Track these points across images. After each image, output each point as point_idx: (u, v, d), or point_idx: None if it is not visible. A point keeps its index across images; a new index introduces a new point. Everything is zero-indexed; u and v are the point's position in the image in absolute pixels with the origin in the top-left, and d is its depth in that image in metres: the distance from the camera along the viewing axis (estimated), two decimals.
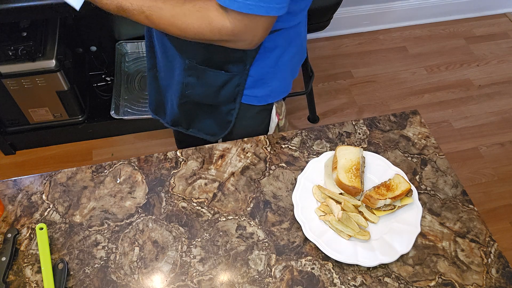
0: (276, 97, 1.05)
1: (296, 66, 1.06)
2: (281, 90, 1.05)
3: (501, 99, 2.23)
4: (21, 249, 0.82)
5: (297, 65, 1.06)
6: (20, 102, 1.72)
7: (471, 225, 0.86)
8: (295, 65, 1.05)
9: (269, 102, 1.05)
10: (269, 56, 0.94)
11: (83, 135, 1.97)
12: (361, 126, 1.01)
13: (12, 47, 1.52)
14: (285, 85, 1.05)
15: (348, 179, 0.86)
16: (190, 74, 0.98)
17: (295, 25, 0.93)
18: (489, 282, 0.79)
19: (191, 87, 1.01)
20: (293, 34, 0.95)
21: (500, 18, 2.62)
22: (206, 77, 0.97)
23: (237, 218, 0.86)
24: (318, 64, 2.33)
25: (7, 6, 1.32)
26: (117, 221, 0.85)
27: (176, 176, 0.92)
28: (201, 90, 1.01)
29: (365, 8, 2.38)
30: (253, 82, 0.98)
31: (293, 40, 0.96)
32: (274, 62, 0.96)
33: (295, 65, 1.05)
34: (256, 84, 0.99)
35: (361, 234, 0.82)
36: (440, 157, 0.96)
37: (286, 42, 0.95)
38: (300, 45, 1.02)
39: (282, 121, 1.12)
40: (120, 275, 0.79)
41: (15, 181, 0.91)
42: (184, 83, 1.01)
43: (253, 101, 1.03)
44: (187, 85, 1.01)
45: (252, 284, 0.78)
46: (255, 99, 1.03)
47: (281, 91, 1.05)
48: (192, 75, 0.98)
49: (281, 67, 0.99)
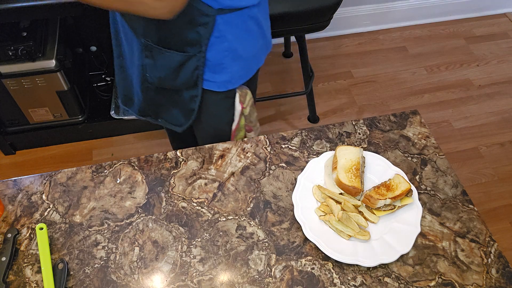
0: (236, 83, 1.05)
1: (258, 53, 1.06)
2: (241, 76, 1.05)
3: (501, 99, 2.23)
4: (21, 249, 0.82)
5: (260, 52, 1.06)
6: (20, 102, 1.72)
7: (471, 225, 0.86)
8: (256, 51, 1.05)
9: (229, 88, 1.05)
10: (224, 40, 0.95)
11: (83, 135, 1.97)
12: (361, 126, 1.01)
13: (12, 47, 1.52)
14: (246, 71, 1.05)
15: (348, 179, 0.86)
16: (147, 55, 0.99)
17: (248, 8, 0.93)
18: (489, 282, 0.79)
19: (150, 69, 1.02)
20: (248, 17, 0.95)
21: (500, 18, 2.62)
22: (161, 58, 0.98)
23: (237, 218, 0.86)
24: (318, 64, 2.33)
25: (7, 6, 1.32)
26: (117, 221, 0.85)
27: (176, 176, 0.92)
28: (159, 72, 1.02)
29: (365, 8, 2.38)
30: (212, 67, 0.99)
31: (249, 24, 0.97)
32: (231, 46, 0.97)
33: (256, 52, 1.05)
34: (216, 69, 1.00)
35: (361, 234, 0.82)
36: (440, 157, 0.96)
37: (241, 26, 0.95)
38: (259, 31, 1.01)
39: (247, 110, 1.12)
40: (120, 275, 0.79)
41: (15, 181, 0.91)
42: (143, 65, 1.02)
43: (214, 87, 1.04)
44: (145, 67, 1.02)
45: (252, 284, 0.78)
46: (215, 84, 1.03)
47: (241, 77, 1.05)
48: (148, 56, 0.99)
49: (240, 52, 0.99)
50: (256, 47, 1.04)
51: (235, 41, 0.96)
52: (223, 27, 0.92)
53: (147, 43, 0.96)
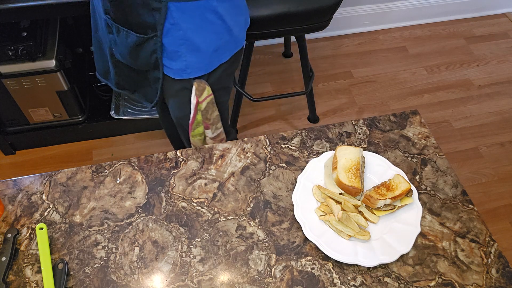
0: (192, 73, 1.06)
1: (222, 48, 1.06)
2: (199, 67, 1.06)
3: (501, 99, 2.23)
4: (21, 249, 0.82)
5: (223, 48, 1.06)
6: (20, 102, 1.72)
7: (471, 225, 0.86)
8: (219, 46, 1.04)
9: (184, 77, 1.06)
10: (179, 28, 0.96)
11: (83, 135, 1.97)
12: (361, 126, 1.01)
13: (12, 47, 1.52)
14: (204, 64, 1.06)
15: (348, 179, 0.86)
16: (110, 31, 1.03)
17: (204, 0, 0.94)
18: (489, 282, 0.79)
19: (114, 45, 1.06)
20: (205, 9, 0.95)
21: (500, 18, 2.62)
22: (120, 36, 1.01)
23: (237, 218, 0.86)
24: (318, 64, 2.33)
25: (7, 6, 1.32)
26: (117, 221, 0.85)
27: (176, 176, 0.92)
28: (121, 49, 1.05)
29: (365, 8, 2.38)
30: (169, 53, 1.01)
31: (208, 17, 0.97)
32: (186, 35, 0.98)
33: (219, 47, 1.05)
34: (172, 56, 1.02)
35: (361, 234, 0.82)
36: (440, 157, 0.96)
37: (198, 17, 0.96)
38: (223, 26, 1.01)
39: (203, 105, 1.12)
40: (120, 275, 0.79)
41: (15, 181, 0.91)
42: (109, 41, 1.06)
43: (170, 73, 1.06)
44: (110, 42, 1.06)
45: (252, 284, 0.78)
46: (171, 71, 1.05)
47: (199, 68, 1.06)
48: (111, 32, 1.03)
49: (197, 43, 1.00)
50: (218, 42, 1.04)
51: (190, 31, 0.97)
52: (177, 15, 0.94)
53: (107, 20, 1.00)
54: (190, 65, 1.04)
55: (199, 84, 1.08)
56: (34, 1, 1.33)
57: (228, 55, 1.09)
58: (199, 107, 1.13)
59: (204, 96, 1.11)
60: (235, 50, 1.10)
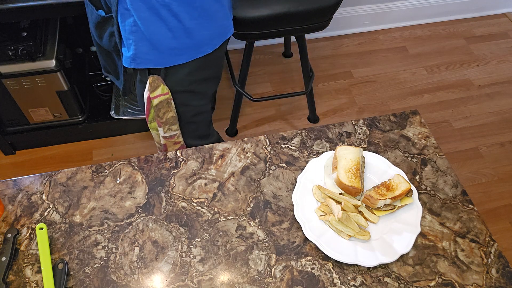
0: (141, 63, 1.05)
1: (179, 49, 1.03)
2: (147, 58, 1.04)
3: (501, 99, 2.23)
4: (21, 249, 0.82)
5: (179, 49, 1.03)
6: (20, 102, 1.72)
7: (471, 225, 0.86)
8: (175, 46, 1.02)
9: (132, 66, 1.06)
10: (131, 15, 0.97)
11: (83, 135, 1.97)
12: (361, 126, 1.01)
13: (12, 47, 1.52)
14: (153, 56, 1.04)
15: (348, 179, 0.86)
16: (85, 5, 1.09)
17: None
18: (489, 282, 0.79)
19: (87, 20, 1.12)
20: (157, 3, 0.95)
21: (500, 18, 2.62)
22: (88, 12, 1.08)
23: (237, 218, 0.86)
24: (318, 64, 2.33)
25: (7, 6, 1.32)
26: (117, 221, 0.85)
27: (176, 176, 0.92)
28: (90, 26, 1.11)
29: (365, 8, 2.38)
30: (123, 39, 1.03)
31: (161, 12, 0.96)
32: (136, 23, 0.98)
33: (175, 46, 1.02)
34: (125, 43, 1.04)
35: (361, 234, 0.82)
36: (440, 157, 0.96)
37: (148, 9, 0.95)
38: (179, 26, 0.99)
39: (155, 101, 1.12)
40: (120, 275, 0.79)
41: (15, 181, 0.91)
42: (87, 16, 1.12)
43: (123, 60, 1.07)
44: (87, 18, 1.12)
45: (252, 284, 0.78)
46: (124, 58, 1.06)
47: (146, 59, 1.04)
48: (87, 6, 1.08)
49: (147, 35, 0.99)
50: (174, 41, 1.01)
51: (141, 21, 0.97)
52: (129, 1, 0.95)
53: None
54: (138, 55, 1.03)
55: (153, 79, 1.08)
56: (34, 1, 1.33)
57: (186, 59, 1.06)
58: (152, 102, 1.12)
59: (157, 93, 1.10)
60: (196, 55, 1.06)
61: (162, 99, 1.12)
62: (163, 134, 1.22)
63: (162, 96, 1.11)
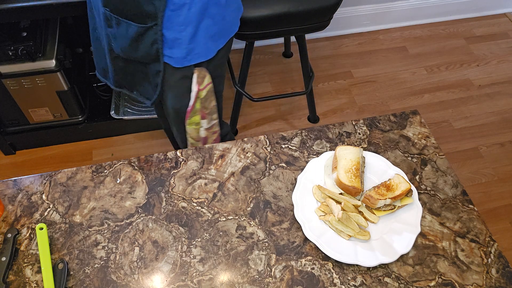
0: (193, 60, 1.07)
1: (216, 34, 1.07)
2: (198, 53, 1.07)
3: (501, 99, 2.23)
4: (21, 249, 0.82)
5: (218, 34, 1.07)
6: (20, 102, 1.72)
7: (471, 225, 0.86)
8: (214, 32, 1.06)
9: (185, 65, 1.07)
10: (180, 14, 0.97)
11: (83, 135, 1.97)
12: (361, 126, 1.01)
13: (12, 47, 1.52)
14: (203, 49, 1.07)
15: (348, 179, 0.86)
16: (109, 24, 1.03)
17: None
18: (489, 282, 0.79)
19: (113, 39, 1.06)
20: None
21: (500, 18, 2.62)
22: (120, 28, 1.02)
23: (237, 218, 0.86)
24: (318, 64, 2.33)
25: (7, 6, 1.32)
26: (117, 221, 0.85)
27: (176, 176, 0.92)
28: (120, 42, 1.05)
29: (365, 8, 2.38)
30: (170, 41, 1.02)
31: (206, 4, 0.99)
32: (186, 20, 0.98)
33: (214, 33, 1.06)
34: (173, 44, 1.02)
35: (361, 234, 0.82)
36: (440, 157, 0.96)
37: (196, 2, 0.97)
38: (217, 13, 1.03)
39: (203, 93, 1.14)
40: (120, 275, 0.79)
41: (15, 181, 0.91)
42: (107, 35, 1.06)
43: (172, 62, 1.06)
44: (109, 36, 1.06)
45: (252, 284, 0.78)
46: (172, 60, 1.06)
47: (197, 54, 1.07)
48: (110, 26, 1.03)
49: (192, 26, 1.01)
50: (214, 28, 1.05)
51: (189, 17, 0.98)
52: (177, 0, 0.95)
53: (106, 12, 1.00)
54: (190, 52, 1.05)
55: (200, 71, 1.09)
56: (34, 1, 1.33)
57: (224, 41, 1.10)
58: (199, 95, 1.13)
59: (205, 84, 1.12)
60: (229, 35, 1.12)
61: (208, 89, 1.14)
62: (206, 126, 1.23)
63: (208, 86, 1.13)
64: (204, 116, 1.20)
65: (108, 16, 1.01)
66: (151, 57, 1.06)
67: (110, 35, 1.06)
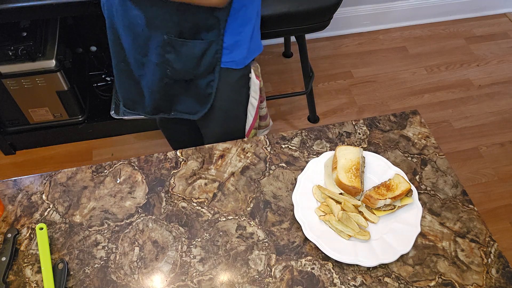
0: (251, 56, 1.08)
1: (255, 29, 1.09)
2: (255, 48, 1.08)
3: (501, 99, 2.23)
4: (21, 249, 0.82)
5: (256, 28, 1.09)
6: (20, 102, 1.72)
7: (471, 225, 0.86)
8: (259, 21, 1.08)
9: (246, 64, 1.07)
10: (238, 17, 0.97)
11: (83, 135, 1.97)
12: (361, 126, 1.01)
13: (12, 47, 1.52)
14: (257, 43, 1.08)
15: (348, 179, 0.86)
16: (169, 50, 1.00)
17: None
18: (489, 282, 0.79)
19: (171, 65, 1.03)
20: None
21: (500, 18, 2.62)
22: (185, 50, 0.99)
23: (237, 218, 0.86)
24: (318, 64, 2.33)
25: (7, 6, 1.32)
26: (117, 221, 0.85)
27: (176, 176, 0.92)
28: (181, 65, 1.03)
29: (365, 8, 2.38)
30: (230, 46, 1.01)
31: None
32: (244, 21, 0.99)
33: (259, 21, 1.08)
34: (233, 48, 1.02)
35: (361, 234, 0.82)
36: (440, 157, 0.96)
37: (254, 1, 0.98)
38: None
39: (261, 83, 1.16)
40: (120, 275, 0.79)
41: (15, 181, 0.91)
42: (163, 62, 1.03)
43: (233, 65, 1.06)
44: (166, 63, 1.03)
45: (252, 284, 0.78)
46: (233, 63, 1.05)
47: (255, 49, 1.08)
48: (170, 51, 1.00)
49: (251, 24, 1.01)
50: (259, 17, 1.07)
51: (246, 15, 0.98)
52: (236, 5, 0.94)
53: (170, 38, 0.97)
54: (249, 50, 1.06)
55: (255, 66, 1.11)
56: (34, 1, 1.33)
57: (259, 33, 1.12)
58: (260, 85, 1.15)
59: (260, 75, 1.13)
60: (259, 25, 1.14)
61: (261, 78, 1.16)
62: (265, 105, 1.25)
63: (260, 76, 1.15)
64: (263, 99, 1.22)
65: (171, 41, 0.98)
66: (209, 69, 1.04)
67: (171, 60, 1.02)
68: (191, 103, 1.14)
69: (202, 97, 1.11)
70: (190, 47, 0.99)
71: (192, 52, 0.99)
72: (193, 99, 1.13)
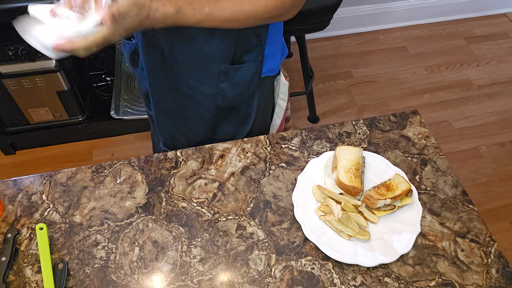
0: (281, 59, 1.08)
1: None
2: (284, 51, 1.09)
3: (501, 99, 2.23)
4: (21, 249, 0.82)
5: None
6: (20, 102, 1.73)
7: (471, 225, 0.86)
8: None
9: (279, 68, 1.08)
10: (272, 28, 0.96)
11: (83, 135, 1.97)
12: (361, 126, 1.01)
13: (12, 47, 1.52)
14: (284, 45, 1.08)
15: (348, 179, 0.86)
16: (223, 80, 0.97)
17: None
18: (489, 282, 0.79)
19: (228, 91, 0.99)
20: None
21: (500, 18, 2.62)
22: (237, 76, 0.97)
23: (237, 218, 0.86)
24: (318, 64, 2.33)
25: (7, 6, 1.32)
26: (117, 221, 0.85)
27: (176, 176, 0.92)
28: (235, 90, 1.00)
29: (365, 8, 2.38)
30: (266, 57, 1.00)
31: None
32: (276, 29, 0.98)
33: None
34: (269, 57, 1.01)
35: (361, 234, 0.82)
36: (440, 157, 0.96)
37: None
38: None
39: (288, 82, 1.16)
40: (120, 275, 0.79)
41: (15, 181, 0.91)
42: (216, 94, 0.99)
43: (270, 73, 1.05)
44: (220, 93, 0.99)
45: (252, 284, 0.78)
46: (271, 71, 1.04)
47: (283, 53, 1.08)
48: (224, 80, 0.97)
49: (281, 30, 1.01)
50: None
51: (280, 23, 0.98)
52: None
53: (226, 67, 0.94)
54: (282, 53, 1.06)
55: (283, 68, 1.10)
56: (34, 1, 1.33)
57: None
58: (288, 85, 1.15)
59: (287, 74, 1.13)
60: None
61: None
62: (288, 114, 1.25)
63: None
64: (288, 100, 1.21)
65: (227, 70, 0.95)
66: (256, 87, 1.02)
67: (225, 88, 0.98)
68: (228, 128, 1.10)
69: (241, 119, 1.08)
70: (243, 72, 0.96)
71: (244, 76, 0.97)
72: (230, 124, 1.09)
